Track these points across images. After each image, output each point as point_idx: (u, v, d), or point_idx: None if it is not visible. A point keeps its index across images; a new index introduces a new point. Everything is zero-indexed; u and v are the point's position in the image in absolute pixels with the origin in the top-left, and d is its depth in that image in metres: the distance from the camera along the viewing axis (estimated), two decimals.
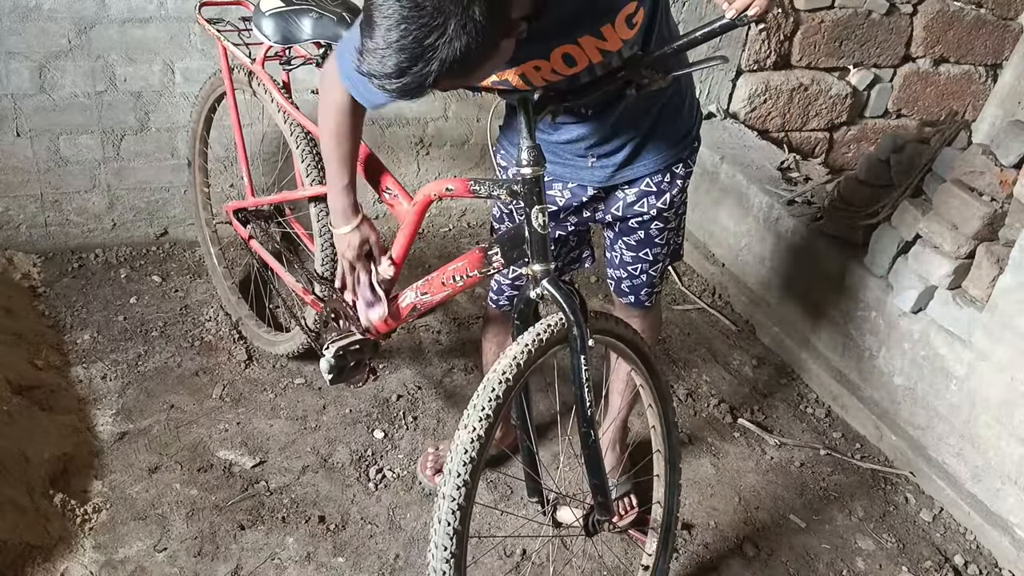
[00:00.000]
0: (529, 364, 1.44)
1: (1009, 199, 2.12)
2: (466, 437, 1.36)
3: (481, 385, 1.41)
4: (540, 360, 1.47)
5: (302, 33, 1.86)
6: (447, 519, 1.34)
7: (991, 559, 2.13)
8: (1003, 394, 2.09)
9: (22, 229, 2.73)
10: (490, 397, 1.39)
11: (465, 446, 1.36)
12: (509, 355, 1.43)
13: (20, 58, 2.46)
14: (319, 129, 1.68)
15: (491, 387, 1.40)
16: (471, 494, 1.36)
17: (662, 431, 1.76)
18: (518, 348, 1.44)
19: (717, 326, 2.90)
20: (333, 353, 1.95)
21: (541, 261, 1.49)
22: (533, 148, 1.44)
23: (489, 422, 1.38)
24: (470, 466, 1.35)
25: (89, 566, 1.78)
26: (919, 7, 3.52)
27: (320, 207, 2.10)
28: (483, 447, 1.37)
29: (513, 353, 1.43)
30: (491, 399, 1.39)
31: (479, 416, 1.38)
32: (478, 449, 1.36)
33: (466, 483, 1.35)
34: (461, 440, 1.36)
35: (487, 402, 1.39)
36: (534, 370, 1.47)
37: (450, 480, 1.35)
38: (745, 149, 3.16)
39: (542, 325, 1.48)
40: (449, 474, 1.35)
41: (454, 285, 1.74)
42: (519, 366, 1.42)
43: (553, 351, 1.50)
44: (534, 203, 1.47)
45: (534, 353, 1.44)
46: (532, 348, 1.45)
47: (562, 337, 1.49)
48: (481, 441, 1.37)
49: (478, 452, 1.36)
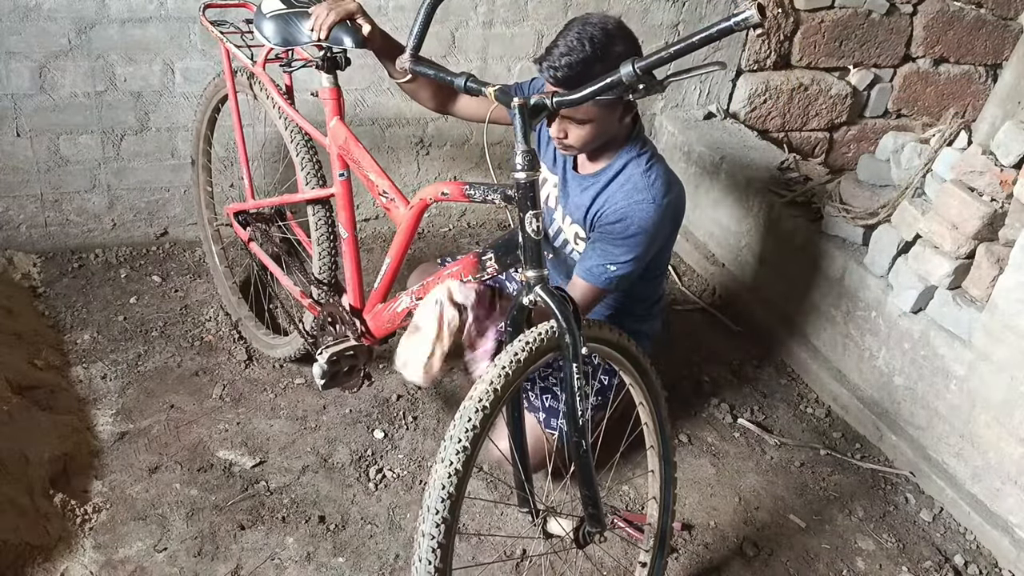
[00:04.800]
0: (519, 373, 1.39)
1: (1009, 199, 2.12)
2: (443, 472, 1.29)
3: (457, 414, 1.34)
4: (531, 368, 1.43)
5: (302, 35, 1.86)
6: (428, 558, 1.28)
7: (991, 559, 2.13)
8: (1003, 394, 2.09)
9: (22, 229, 2.73)
10: (466, 428, 1.32)
11: (443, 481, 1.29)
12: (490, 374, 1.37)
13: (20, 58, 2.46)
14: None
15: (467, 416, 1.33)
16: (451, 530, 1.30)
17: (655, 427, 1.75)
18: (506, 359, 1.39)
19: (717, 326, 2.90)
20: (326, 359, 1.95)
21: (534, 267, 1.47)
22: (527, 152, 1.43)
23: (467, 454, 1.31)
24: (448, 502, 1.29)
25: (89, 566, 1.78)
26: (919, 7, 3.52)
27: (318, 211, 2.09)
28: (462, 481, 1.31)
29: (495, 372, 1.37)
30: (467, 430, 1.32)
31: (456, 449, 1.31)
32: (456, 484, 1.30)
33: (445, 520, 1.28)
34: (438, 475, 1.29)
35: (463, 433, 1.31)
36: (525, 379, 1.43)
37: (428, 517, 1.29)
38: (745, 149, 3.16)
39: (532, 333, 1.44)
40: (427, 511, 1.29)
41: None
42: (496, 391, 1.35)
43: (544, 359, 1.46)
44: (528, 208, 1.46)
45: (523, 363, 1.40)
46: (521, 358, 1.40)
47: (554, 344, 1.45)
48: (459, 475, 1.30)
49: (456, 487, 1.30)
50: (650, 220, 1.82)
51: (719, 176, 3.08)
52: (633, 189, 1.84)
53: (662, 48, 1.30)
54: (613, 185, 1.87)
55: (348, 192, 2.00)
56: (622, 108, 1.78)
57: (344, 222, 2.01)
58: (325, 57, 1.91)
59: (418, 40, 1.64)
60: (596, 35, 1.66)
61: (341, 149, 1.97)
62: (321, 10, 1.80)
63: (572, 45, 1.66)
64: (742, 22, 1.20)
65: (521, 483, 1.69)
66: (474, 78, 1.53)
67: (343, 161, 1.98)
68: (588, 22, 1.69)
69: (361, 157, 1.93)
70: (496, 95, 1.48)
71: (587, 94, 1.39)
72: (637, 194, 1.83)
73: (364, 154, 1.93)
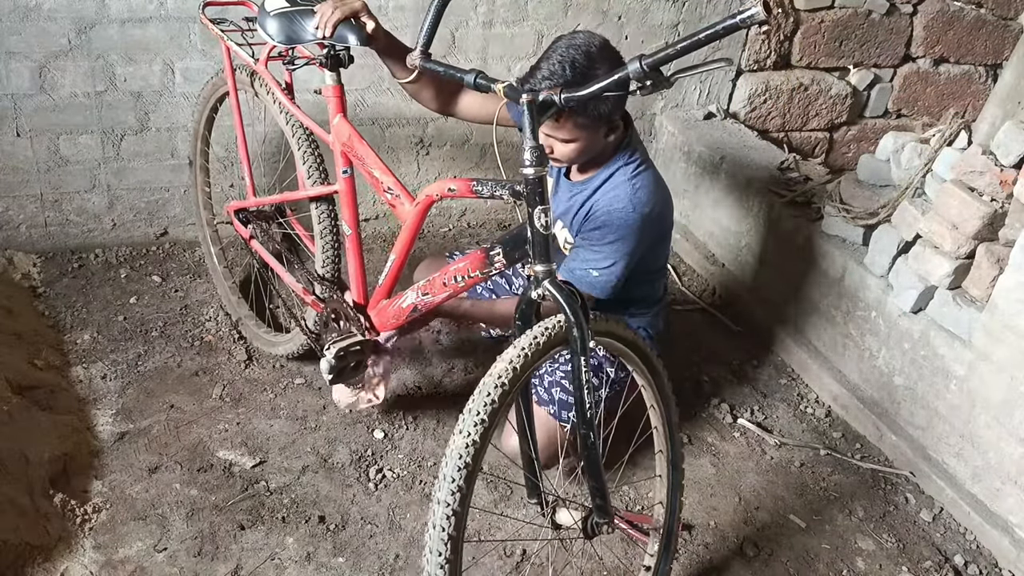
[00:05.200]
0: (527, 367, 1.42)
1: (1009, 199, 2.12)
2: (461, 442, 1.34)
3: (477, 389, 1.39)
4: (540, 361, 1.45)
5: (306, 33, 1.86)
6: (442, 524, 1.32)
7: (991, 559, 2.12)
8: (1003, 394, 2.09)
9: (22, 229, 2.73)
10: (485, 402, 1.37)
11: (460, 451, 1.34)
12: (506, 358, 1.42)
13: (20, 58, 2.46)
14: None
15: (487, 391, 1.37)
16: (466, 499, 1.34)
17: (664, 432, 1.76)
18: (516, 351, 1.42)
19: (717, 326, 2.90)
20: (334, 354, 1.95)
21: (543, 261, 1.49)
22: (536, 148, 1.45)
23: (484, 427, 1.36)
24: (465, 471, 1.33)
25: (89, 566, 1.78)
26: (919, 7, 3.52)
27: (321, 208, 2.10)
28: (478, 452, 1.35)
29: (510, 356, 1.42)
30: (487, 403, 1.37)
31: (474, 421, 1.35)
32: (473, 455, 1.34)
33: (460, 488, 1.33)
34: (456, 445, 1.34)
35: (482, 407, 1.36)
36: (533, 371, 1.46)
37: (444, 485, 1.33)
38: (745, 149, 3.16)
39: (541, 327, 1.46)
40: (444, 479, 1.34)
41: (455, 285, 1.75)
42: (515, 370, 1.40)
43: (552, 353, 1.48)
44: (536, 203, 1.48)
45: (531, 357, 1.42)
46: (529, 351, 1.43)
47: (562, 338, 1.47)
48: (476, 446, 1.34)
49: (473, 457, 1.34)
50: (629, 228, 1.84)
51: (719, 176, 3.08)
52: (615, 197, 1.86)
53: (668, 45, 1.31)
54: (599, 192, 1.90)
55: (352, 189, 2.00)
56: (606, 127, 1.80)
57: (348, 219, 2.01)
58: (328, 55, 1.91)
59: (428, 37, 1.64)
60: (578, 59, 1.68)
61: (345, 146, 1.97)
62: (326, 8, 1.80)
63: (553, 69, 1.69)
64: (748, 19, 1.20)
65: (531, 473, 1.70)
66: (483, 75, 1.54)
67: (347, 158, 1.98)
68: (572, 44, 1.70)
69: (366, 154, 1.93)
70: (505, 91, 1.48)
71: (595, 90, 1.39)
72: (618, 202, 1.85)
73: (368, 151, 1.93)
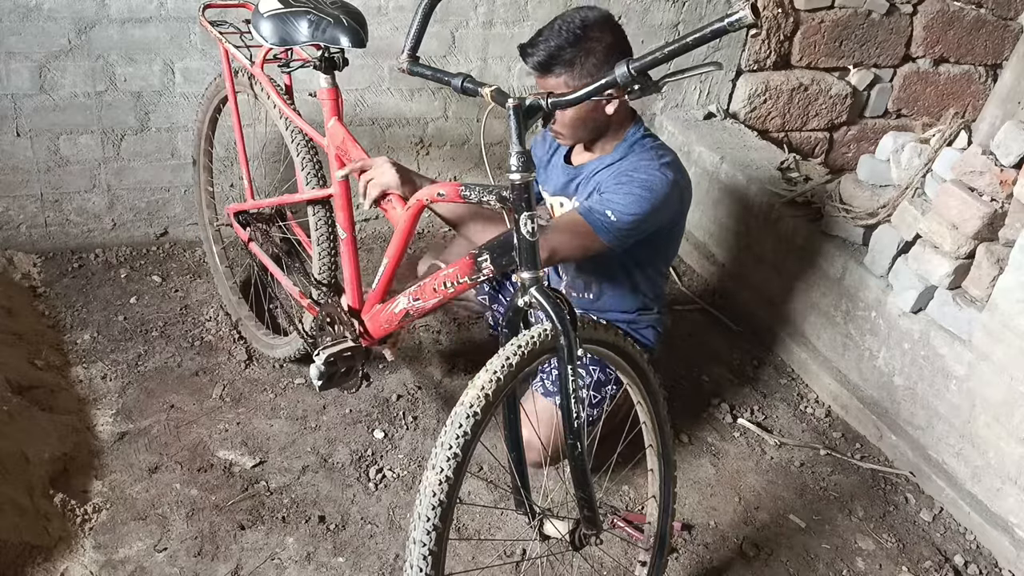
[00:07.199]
0: (512, 377, 1.38)
1: (1009, 199, 2.12)
2: (434, 479, 1.29)
3: (448, 420, 1.33)
4: (526, 369, 1.42)
5: (299, 35, 1.85)
6: (419, 565, 1.28)
7: (991, 559, 2.12)
8: (1003, 394, 2.09)
9: (22, 229, 2.73)
10: (457, 434, 1.31)
11: (433, 488, 1.29)
12: (481, 379, 1.36)
13: (20, 58, 2.47)
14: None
15: (458, 423, 1.32)
16: (442, 537, 1.29)
17: (653, 426, 1.75)
18: (500, 360, 1.38)
19: (717, 326, 2.90)
20: (324, 360, 1.94)
21: (530, 268, 1.47)
22: (522, 154, 1.44)
23: (457, 461, 1.30)
24: (439, 509, 1.28)
25: (89, 566, 1.78)
26: (919, 7, 3.52)
27: (318, 211, 2.09)
28: (452, 488, 1.30)
29: (485, 378, 1.36)
30: (458, 436, 1.31)
31: (446, 456, 1.30)
32: (447, 492, 1.29)
33: (436, 527, 1.28)
34: (429, 482, 1.29)
35: (454, 439, 1.31)
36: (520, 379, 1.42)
37: (419, 524, 1.28)
38: (745, 149, 3.16)
39: (526, 335, 1.43)
40: (418, 518, 1.29)
41: (445, 291, 1.74)
42: (487, 396, 1.34)
43: (538, 363, 1.44)
44: (523, 209, 1.46)
45: (515, 367, 1.38)
46: (513, 362, 1.38)
47: (549, 347, 1.44)
48: (450, 483, 1.29)
49: (447, 495, 1.29)
50: (657, 183, 1.84)
51: (719, 176, 3.08)
52: (640, 160, 1.89)
53: (657, 48, 1.30)
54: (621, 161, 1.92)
55: (347, 192, 2.00)
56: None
57: (343, 222, 2.01)
58: (323, 57, 1.91)
59: (415, 40, 1.62)
60: (574, 23, 1.79)
61: (339, 149, 1.97)
62: (362, 186, 1.89)
63: (548, 33, 1.81)
64: (736, 23, 1.20)
65: (517, 486, 1.68)
66: (471, 79, 1.52)
67: (341, 161, 1.98)
68: (573, 12, 1.82)
69: (358, 157, 1.93)
70: (493, 95, 1.47)
71: (581, 95, 1.39)
72: (646, 163, 1.88)
73: (361, 154, 1.93)
